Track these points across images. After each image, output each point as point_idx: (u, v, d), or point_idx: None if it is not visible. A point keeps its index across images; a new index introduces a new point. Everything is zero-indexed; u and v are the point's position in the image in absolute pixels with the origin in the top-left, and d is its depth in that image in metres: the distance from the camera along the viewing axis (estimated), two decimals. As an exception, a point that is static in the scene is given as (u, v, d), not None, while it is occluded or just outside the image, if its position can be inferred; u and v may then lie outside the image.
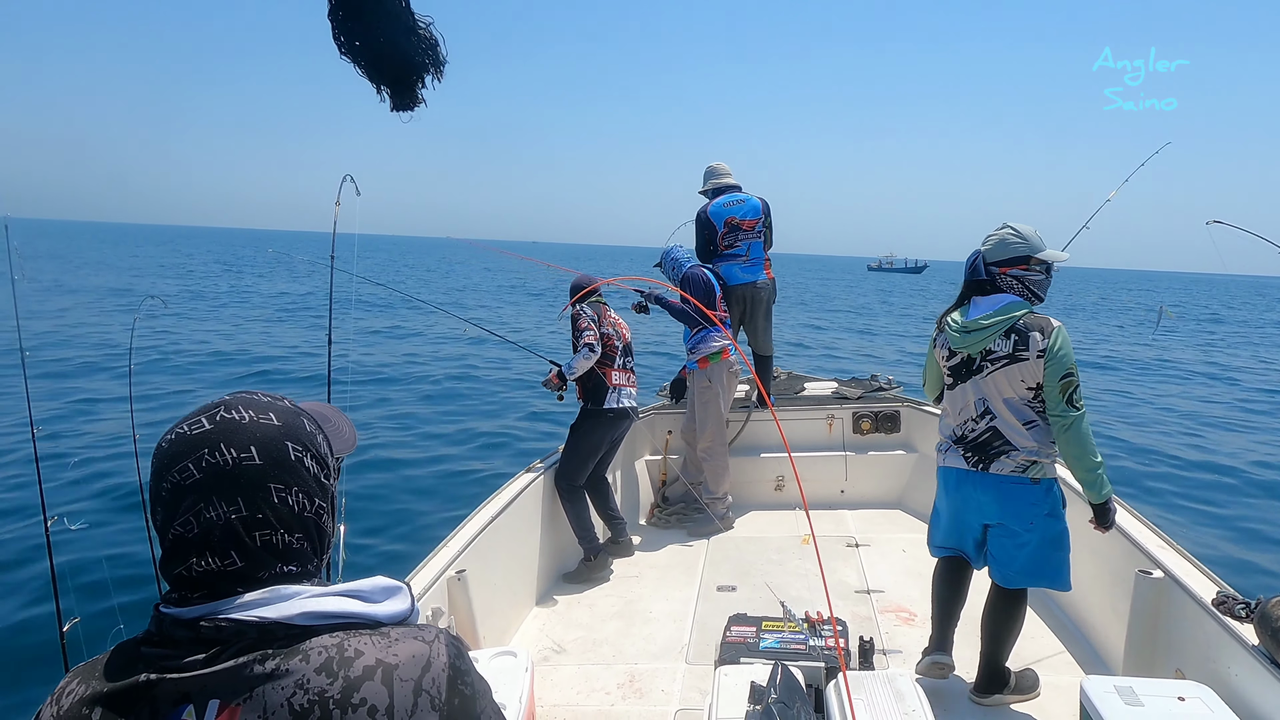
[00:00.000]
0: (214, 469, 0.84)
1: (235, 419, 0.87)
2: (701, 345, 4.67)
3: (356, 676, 0.79)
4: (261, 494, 0.86)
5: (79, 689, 0.82)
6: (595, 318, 4.23)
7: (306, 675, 0.79)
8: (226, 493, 0.84)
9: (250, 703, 0.77)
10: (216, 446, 0.85)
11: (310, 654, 0.80)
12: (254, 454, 0.86)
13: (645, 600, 3.92)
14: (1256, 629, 2.38)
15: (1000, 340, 2.71)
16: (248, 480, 0.85)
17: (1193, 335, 27.53)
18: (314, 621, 0.83)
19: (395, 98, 1.80)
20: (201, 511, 0.83)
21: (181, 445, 0.85)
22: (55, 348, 14.64)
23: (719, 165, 5.26)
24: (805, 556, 4.28)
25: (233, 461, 0.85)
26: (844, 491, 5.10)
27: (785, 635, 2.92)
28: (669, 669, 3.30)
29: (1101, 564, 3.34)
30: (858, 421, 5.19)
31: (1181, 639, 2.76)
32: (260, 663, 0.79)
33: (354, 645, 0.82)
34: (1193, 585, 2.73)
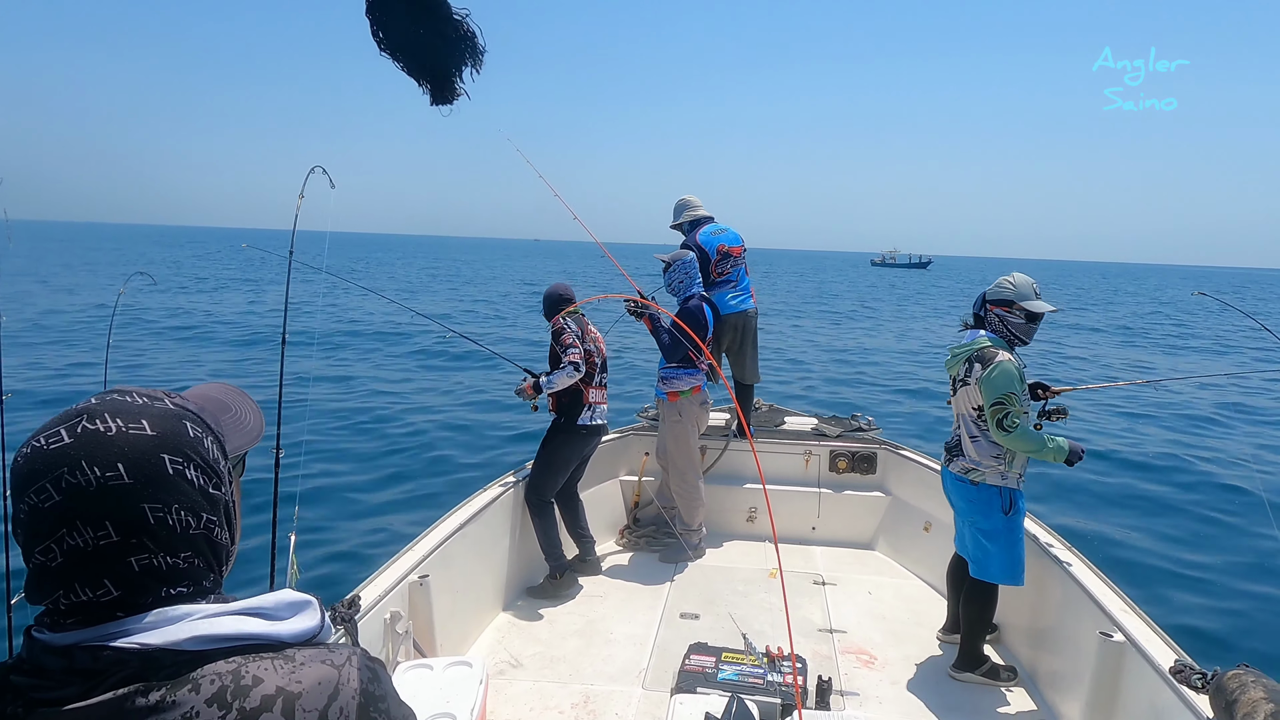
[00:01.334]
0: (75, 491, 0.72)
1: (99, 431, 0.74)
2: (674, 380, 4.57)
3: (253, 708, 0.70)
4: (134, 516, 0.74)
5: None
6: (579, 333, 4.13)
7: (196, 708, 0.69)
8: (92, 518, 0.72)
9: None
10: (78, 465, 0.72)
11: (201, 683, 0.70)
12: (122, 472, 0.73)
13: (607, 621, 3.89)
14: (1211, 701, 2.39)
15: (963, 366, 3.31)
16: (116, 502, 0.73)
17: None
18: (206, 646, 0.73)
19: (435, 91, 1.80)
20: (64, 538, 0.72)
21: (38, 463, 0.73)
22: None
23: (690, 198, 5.34)
24: (771, 590, 4.27)
25: (97, 482, 0.72)
26: (815, 528, 5.10)
27: (744, 668, 2.91)
28: (624, 692, 3.27)
29: (1064, 622, 3.35)
30: (834, 460, 5.20)
31: (1137, 704, 2.77)
32: (143, 694, 0.69)
33: (252, 672, 0.72)
34: (1152, 652, 2.73)
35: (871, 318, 30.13)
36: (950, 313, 33.11)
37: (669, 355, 4.50)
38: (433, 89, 1.79)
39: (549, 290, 4.37)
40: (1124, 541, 6.88)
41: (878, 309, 35.26)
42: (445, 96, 1.81)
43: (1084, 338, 24.67)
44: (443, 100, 1.81)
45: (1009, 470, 3.29)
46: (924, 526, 4.74)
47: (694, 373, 4.54)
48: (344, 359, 14.92)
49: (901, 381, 15.01)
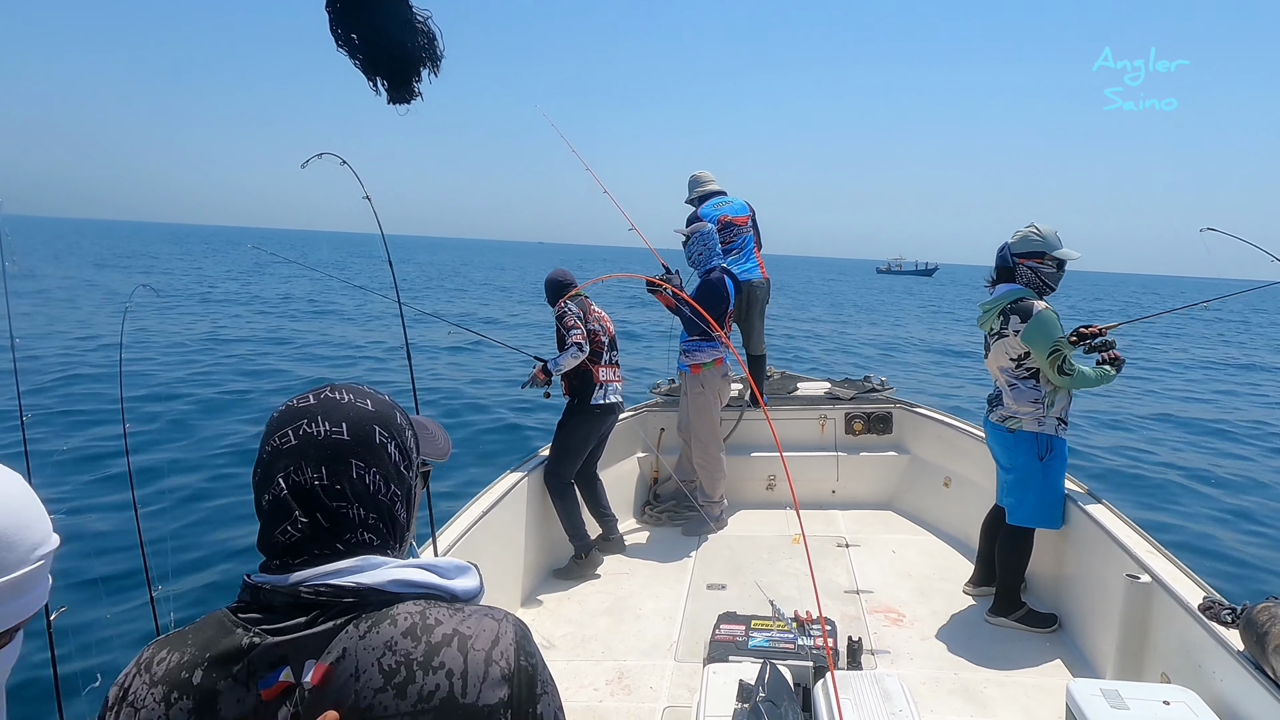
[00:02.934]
0: (307, 438, 0.92)
1: (336, 398, 0.96)
2: (697, 353, 4.60)
3: (436, 642, 0.85)
4: (342, 467, 0.92)
5: (171, 656, 0.87)
6: (581, 314, 4.15)
7: (395, 638, 0.84)
8: (313, 460, 0.91)
9: (343, 662, 0.83)
10: (314, 418, 0.93)
11: (397, 619, 0.86)
12: (344, 430, 0.93)
13: (635, 597, 3.92)
14: (1242, 634, 2.40)
15: (997, 320, 3.37)
16: (333, 452, 0.92)
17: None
18: (400, 589, 0.89)
19: (391, 90, 1.78)
20: (290, 474, 0.91)
21: (287, 415, 0.94)
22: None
23: (702, 173, 5.38)
24: (795, 556, 4.29)
25: (324, 434, 0.92)
26: (835, 492, 5.11)
27: (774, 634, 2.93)
28: (657, 666, 3.31)
29: (1090, 567, 3.35)
30: (850, 422, 5.20)
31: (1168, 643, 2.78)
32: (355, 625, 0.85)
33: (434, 614, 0.88)
34: (1180, 590, 2.74)
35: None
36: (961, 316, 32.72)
37: (689, 328, 4.55)
38: (390, 88, 1.77)
39: (549, 276, 4.37)
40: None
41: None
42: (403, 96, 1.80)
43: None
44: (399, 99, 1.80)
45: (1046, 416, 3.35)
46: (944, 482, 4.74)
47: (716, 345, 4.57)
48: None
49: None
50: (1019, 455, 3.43)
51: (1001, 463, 3.59)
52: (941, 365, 16.33)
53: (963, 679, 3.13)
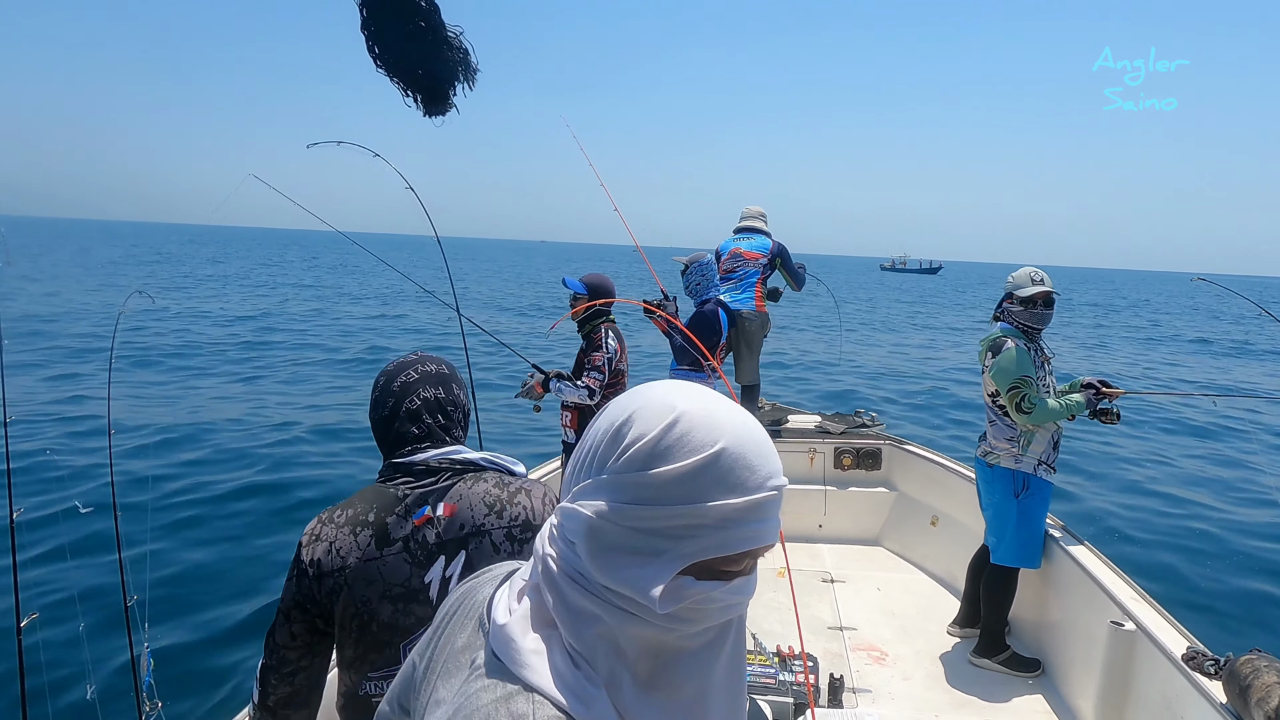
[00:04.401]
0: (425, 373, 1.49)
1: (431, 356, 1.54)
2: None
3: (514, 490, 1.46)
4: (449, 390, 1.50)
5: (347, 511, 1.39)
6: (615, 351, 3.83)
7: (489, 488, 1.44)
8: (433, 383, 1.48)
9: (461, 501, 1.41)
10: (424, 363, 1.51)
11: (488, 479, 1.46)
12: (443, 367, 1.53)
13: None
14: (1225, 686, 2.39)
15: (984, 356, 3.51)
16: (445, 380, 1.50)
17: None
18: (485, 464, 1.48)
19: (427, 105, 1.81)
20: (420, 393, 1.46)
21: (401, 366, 1.49)
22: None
23: (749, 209, 5.59)
24: (780, 590, 4.26)
25: (434, 370, 1.50)
26: (822, 526, 5.09)
27: (755, 668, 2.90)
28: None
29: (1075, 612, 3.34)
30: (839, 457, 5.20)
31: (1150, 693, 2.76)
32: (463, 481, 1.43)
33: (508, 479, 1.48)
34: (1164, 639, 2.73)
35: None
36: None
37: (680, 356, 4.54)
38: (425, 102, 1.80)
39: (596, 280, 3.97)
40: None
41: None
42: (439, 109, 1.83)
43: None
44: (436, 112, 1.83)
45: (1023, 455, 3.42)
46: (931, 521, 4.73)
47: (704, 376, 4.53)
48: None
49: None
50: (995, 490, 3.50)
51: (981, 499, 3.65)
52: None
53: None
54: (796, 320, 25.70)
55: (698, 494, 0.67)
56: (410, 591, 1.35)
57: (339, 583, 1.34)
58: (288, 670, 1.38)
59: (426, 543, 1.37)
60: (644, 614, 0.69)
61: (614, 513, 0.69)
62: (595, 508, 0.70)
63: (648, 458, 0.69)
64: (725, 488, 0.68)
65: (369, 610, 1.34)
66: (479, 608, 0.83)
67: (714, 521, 0.68)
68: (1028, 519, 3.42)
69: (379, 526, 1.36)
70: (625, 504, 0.69)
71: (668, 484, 0.68)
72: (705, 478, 0.68)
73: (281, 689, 1.39)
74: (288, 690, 1.39)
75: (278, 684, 1.39)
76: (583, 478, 0.73)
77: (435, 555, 1.37)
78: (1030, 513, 3.42)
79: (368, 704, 1.36)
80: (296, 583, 1.37)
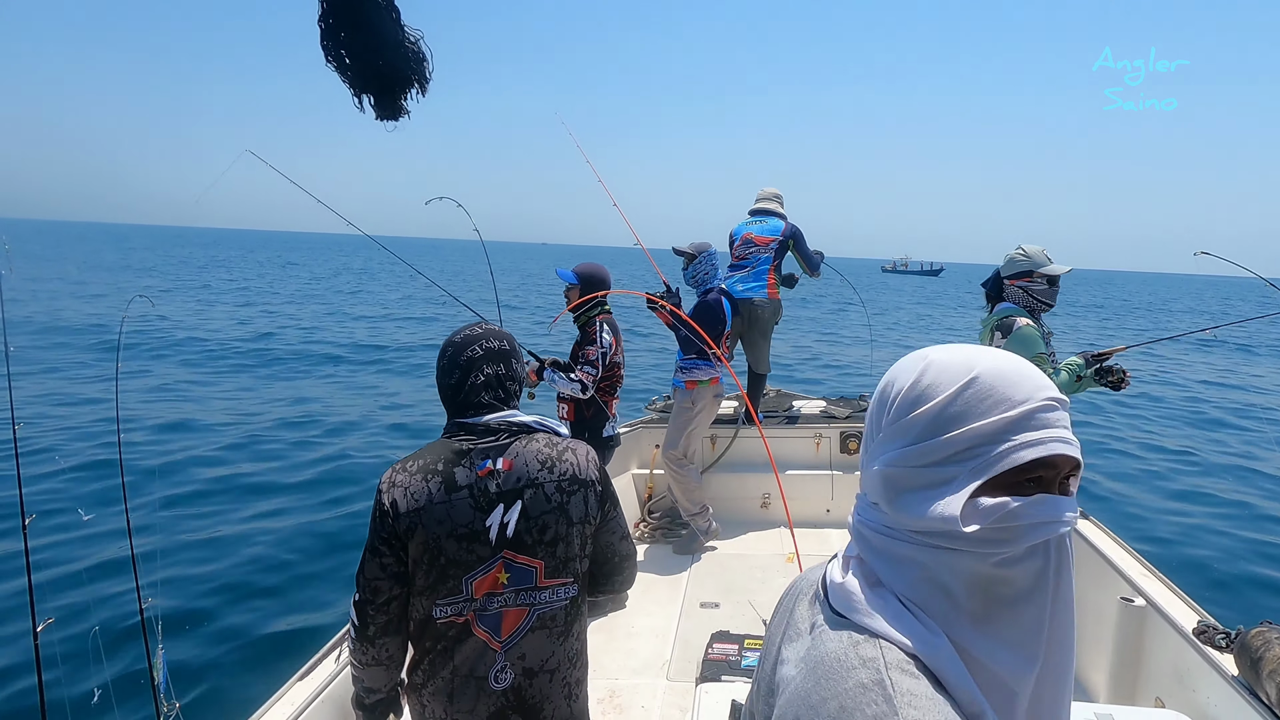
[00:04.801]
0: (490, 349, 1.68)
1: (493, 329, 1.72)
2: (694, 370, 4.56)
3: (562, 449, 1.69)
4: (509, 363, 1.70)
5: (418, 461, 1.60)
6: (609, 345, 3.80)
7: (541, 446, 1.66)
8: (495, 361, 1.68)
9: (518, 457, 1.62)
10: (489, 338, 1.69)
11: (540, 438, 1.67)
12: (508, 344, 1.72)
13: (627, 615, 3.90)
14: (1236, 659, 2.39)
15: (988, 338, 3.42)
16: (505, 355, 1.70)
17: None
18: (538, 426, 1.69)
19: (379, 107, 1.79)
20: (484, 368, 1.66)
21: (469, 339, 1.68)
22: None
23: (763, 190, 5.47)
24: (789, 575, 4.26)
25: (497, 347, 1.69)
26: (830, 511, 5.10)
27: (767, 654, 2.91)
28: (650, 685, 3.28)
29: (1083, 589, 3.34)
30: (845, 441, 5.20)
31: (1162, 667, 2.77)
32: (520, 439, 1.65)
33: (556, 439, 1.70)
34: (1174, 614, 2.73)
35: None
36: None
37: (685, 347, 4.53)
38: (377, 105, 1.78)
39: (589, 269, 3.90)
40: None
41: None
42: (390, 113, 1.80)
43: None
44: (387, 116, 1.80)
45: None
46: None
47: (710, 365, 4.54)
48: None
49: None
50: None
51: None
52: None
53: None
54: (837, 334, 25.36)
55: (967, 416, 0.74)
56: (473, 533, 1.57)
57: (414, 521, 1.54)
58: (382, 600, 1.58)
59: (488, 491, 1.58)
60: (958, 544, 0.72)
61: (899, 459, 0.77)
62: (883, 462, 0.78)
63: (913, 401, 0.77)
64: (991, 403, 0.74)
65: (438, 546, 1.55)
66: (811, 588, 0.89)
67: (990, 436, 0.73)
68: None
69: (447, 475, 1.57)
70: (906, 448, 0.76)
71: (935, 417, 0.75)
72: (969, 400, 0.74)
73: (379, 618, 1.59)
74: (384, 619, 1.59)
75: (375, 614, 1.59)
76: (866, 447, 0.83)
77: (496, 503, 1.58)
78: None
79: (438, 627, 1.59)
80: (380, 522, 1.56)
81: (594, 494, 1.68)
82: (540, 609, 1.62)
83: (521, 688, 1.61)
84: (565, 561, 1.64)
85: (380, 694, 1.70)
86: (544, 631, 1.64)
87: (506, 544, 1.58)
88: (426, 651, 1.62)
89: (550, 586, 1.63)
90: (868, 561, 0.80)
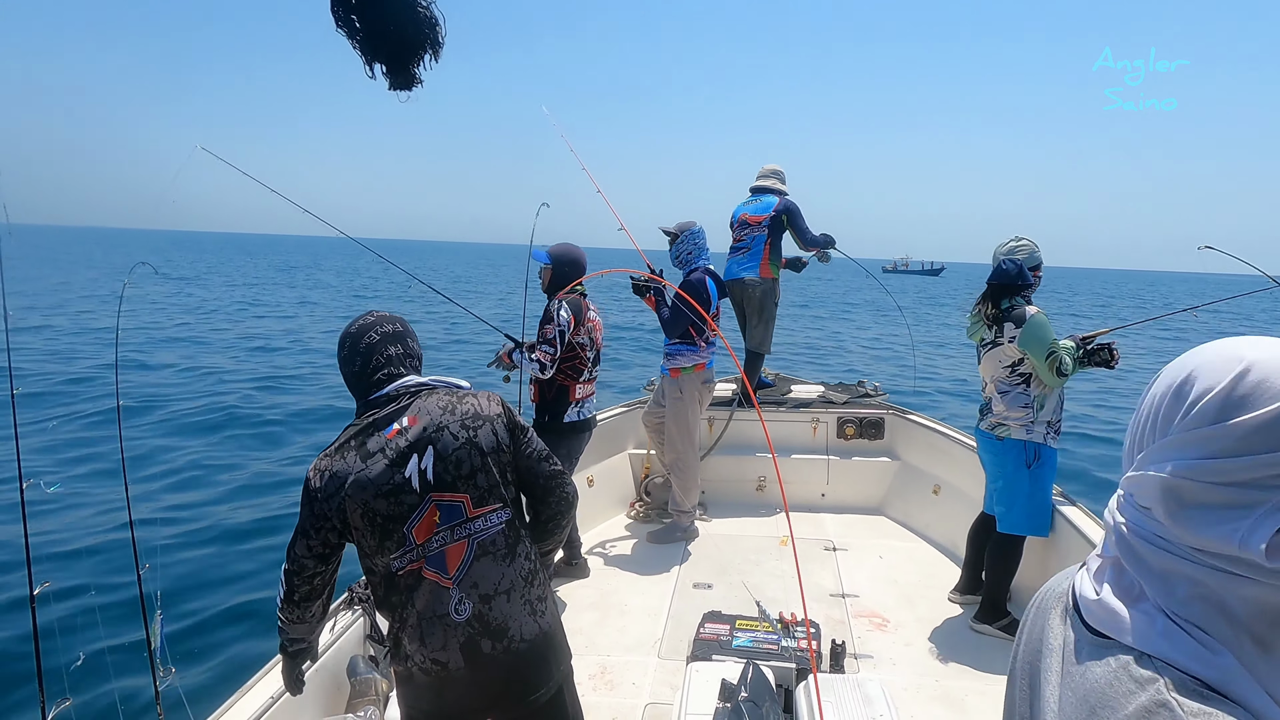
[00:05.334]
0: (386, 334, 1.82)
1: (385, 315, 1.86)
2: (678, 357, 4.47)
3: (464, 396, 1.85)
4: (405, 343, 1.85)
5: (332, 449, 1.75)
6: (569, 323, 3.65)
7: (442, 398, 1.81)
8: (393, 343, 1.83)
9: (420, 412, 1.77)
10: (383, 323, 1.84)
11: (439, 391, 1.83)
12: (399, 325, 1.87)
13: (621, 593, 3.93)
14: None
15: (988, 329, 3.45)
16: (401, 336, 1.85)
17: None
18: (437, 384, 1.84)
19: (392, 76, 1.77)
20: (388, 349, 1.81)
21: (365, 327, 1.82)
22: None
23: (765, 167, 5.40)
24: (783, 557, 4.30)
25: (392, 330, 1.84)
26: (825, 495, 5.12)
27: (758, 635, 2.94)
28: (641, 662, 3.31)
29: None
30: (842, 426, 5.21)
31: None
32: (423, 397, 1.80)
33: (456, 391, 1.85)
34: None
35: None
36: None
37: (669, 331, 4.42)
38: (391, 74, 1.75)
39: (563, 249, 3.82)
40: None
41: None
42: (403, 82, 1.77)
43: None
44: (400, 86, 1.78)
45: (1034, 424, 3.40)
46: (933, 489, 4.76)
47: (696, 349, 4.45)
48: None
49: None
50: (1007, 462, 3.47)
51: (990, 471, 3.63)
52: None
53: (945, 686, 3.15)
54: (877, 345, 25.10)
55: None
56: (396, 486, 1.71)
57: (341, 496, 1.70)
58: (306, 574, 1.77)
59: (399, 448, 1.73)
60: (1249, 571, 0.65)
61: (1193, 471, 0.67)
62: (1168, 468, 0.68)
63: (1220, 409, 0.67)
64: None
65: (370, 508, 1.70)
66: (1059, 601, 0.81)
67: None
68: (1039, 488, 3.44)
69: (361, 448, 1.73)
70: (1201, 459, 0.67)
71: (1249, 434, 0.65)
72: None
73: (302, 588, 1.79)
74: (307, 589, 1.80)
75: (299, 584, 1.79)
76: (1147, 443, 0.72)
77: (409, 455, 1.73)
78: (1042, 481, 3.43)
79: (398, 580, 1.74)
80: (309, 508, 1.72)
81: (501, 424, 1.84)
82: (478, 537, 1.77)
83: (482, 614, 1.75)
84: (489, 489, 1.79)
85: (303, 644, 1.92)
86: (488, 558, 1.77)
87: (430, 488, 1.73)
88: (395, 607, 1.77)
89: (481, 514, 1.78)
90: (1130, 571, 0.72)
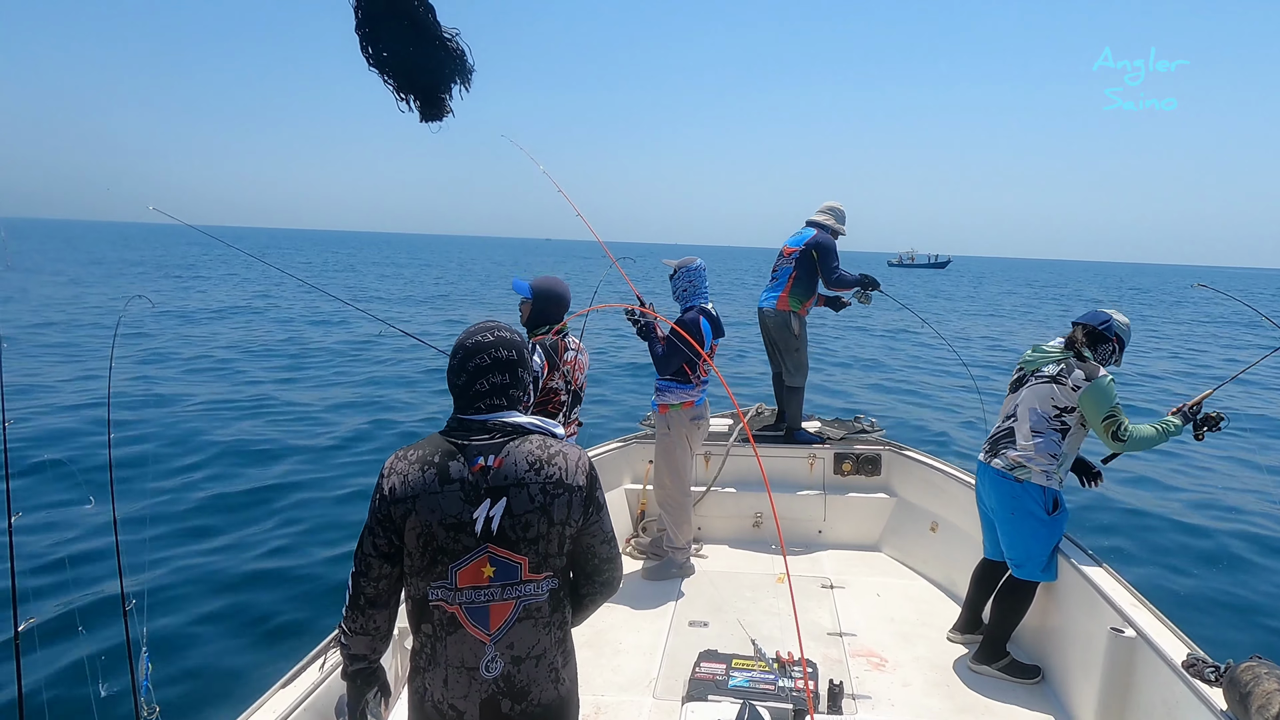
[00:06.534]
0: (497, 359, 1.76)
1: (503, 335, 1.79)
2: (667, 393, 4.44)
3: (554, 452, 1.76)
4: (515, 372, 1.79)
5: (416, 451, 1.73)
6: (540, 369, 3.39)
7: (533, 448, 1.74)
8: (501, 371, 1.77)
9: (509, 457, 1.71)
10: (498, 349, 1.77)
11: (534, 439, 1.76)
12: (514, 352, 1.79)
13: (615, 630, 3.87)
14: (1225, 694, 2.38)
15: (1054, 365, 3.37)
16: (511, 366, 1.78)
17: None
18: (533, 428, 1.78)
19: (424, 108, 1.81)
20: (490, 378, 1.76)
21: (480, 347, 1.76)
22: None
23: (826, 204, 5.49)
24: (779, 595, 4.25)
25: (504, 357, 1.77)
26: (821, 532, 5.08)
27: (755, 674, 2.89)
28: (635, 702, 3.26)
29: (1075, 619, 3.33)
30: (839, 462, 5.19)
31: (1150, 700, 2.75)
32: (513, 441, 1.74)
33: (550, 441, 1.78)
34: (1164, 646, 2.72)
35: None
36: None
37: (661, 368, 4.36)
38: (421, 106, 1.80)
39: (546, 285, 3.60)
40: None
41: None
42: (434, 114, 1.82)
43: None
44: (432, 117, 1.82)
45: (1055, 472, 3.34)
46: (930, 527, 4.73)
47: (687, 388, 4.40)
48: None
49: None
50: (1025, 506, 3.35)
51: (997, 509, 3.48)
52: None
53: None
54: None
55: None
56: (460, 523, 1.68)
57: (409, 508, 1.68)
58: (373, 575, 1.72)
59: (478, 486, 1.69)
60: None
61: None
62: None
63: None
64: None
65: (430, 532, 1.68)
66: None
67: None
68: (1057, 535, 3.40)
69: (442, 467, 1.69)
70: None
71: None
72: None
73: (369, 590, 1.73)
74: (373, 591, 1.73)
75: (365, 585, 1.73)
76: None
77: (483, 497, 1.69)
78: (1059, 529, 3.40)
79: (431, 610, 1.72)
80: (378, 504, 1.71)
81: (578, 498, 1.76)
82: (526, 600, 1.73)
83: (510, 675, 1.72)
84: (546, 558, 1.75)
85: (364, 663, 1.81)
86: (530, 621, 1.74)
87: (490, 538, 1.69)
88: (426, 637, 1.74)
89: (535, 580, 1.73)
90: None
